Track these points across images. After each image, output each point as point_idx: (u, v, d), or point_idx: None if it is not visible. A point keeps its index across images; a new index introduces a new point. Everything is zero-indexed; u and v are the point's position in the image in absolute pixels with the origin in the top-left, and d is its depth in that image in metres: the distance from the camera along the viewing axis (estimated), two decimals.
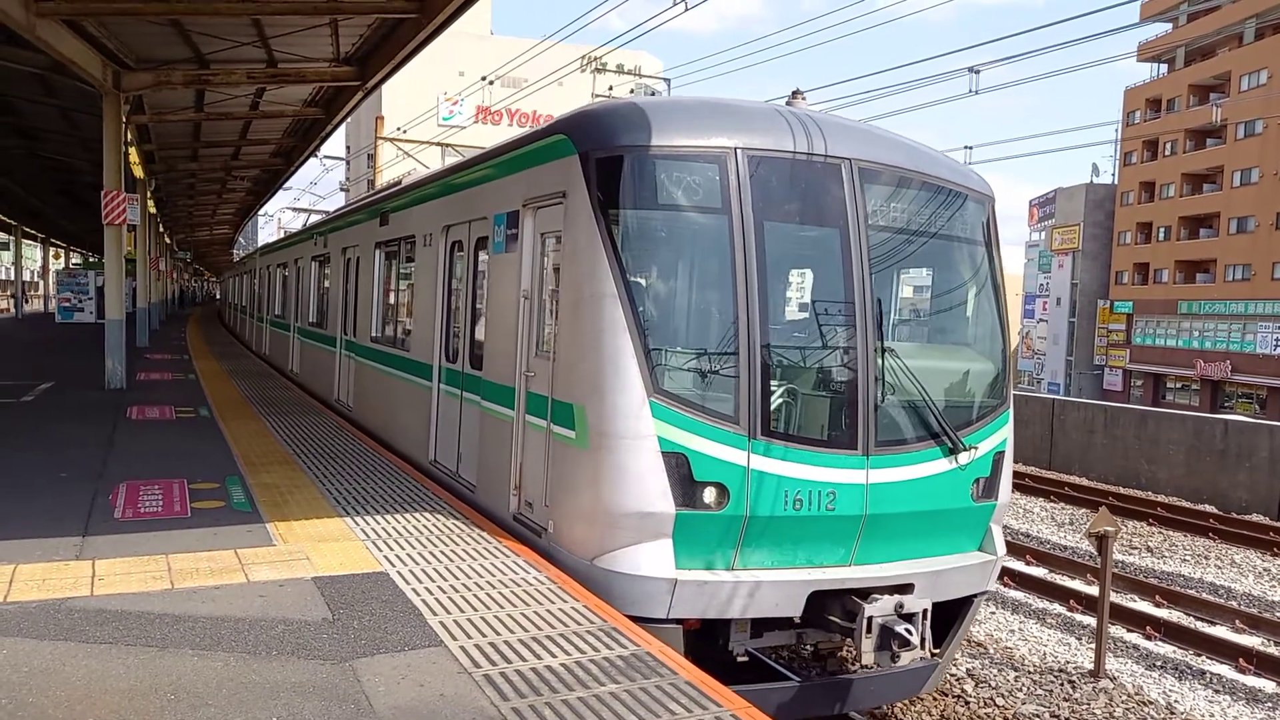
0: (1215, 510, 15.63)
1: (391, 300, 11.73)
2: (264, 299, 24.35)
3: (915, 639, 5.64)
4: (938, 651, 6.40)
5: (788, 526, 5.83)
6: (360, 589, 5.49)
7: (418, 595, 5.41)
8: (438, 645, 4.69)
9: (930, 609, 5.90)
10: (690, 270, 6.29)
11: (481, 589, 5.56)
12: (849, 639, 5.91)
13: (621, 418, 5.67)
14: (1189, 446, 17.18)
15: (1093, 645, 8.60)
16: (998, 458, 6.52)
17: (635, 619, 5.29)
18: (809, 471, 5.82)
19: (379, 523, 6.99)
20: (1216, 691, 8.27)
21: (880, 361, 6.05)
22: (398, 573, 5.82)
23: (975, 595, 6.64)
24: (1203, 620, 9.99)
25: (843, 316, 6.11)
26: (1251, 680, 8.44)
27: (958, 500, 6.34)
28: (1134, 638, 9.42)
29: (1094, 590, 9.91)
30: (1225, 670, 8.67)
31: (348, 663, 4.45)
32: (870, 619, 5.68)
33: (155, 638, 4.66)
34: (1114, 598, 9.37)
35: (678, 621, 5.66)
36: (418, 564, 6.02)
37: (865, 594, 5.83)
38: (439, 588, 5.57)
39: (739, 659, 6.03)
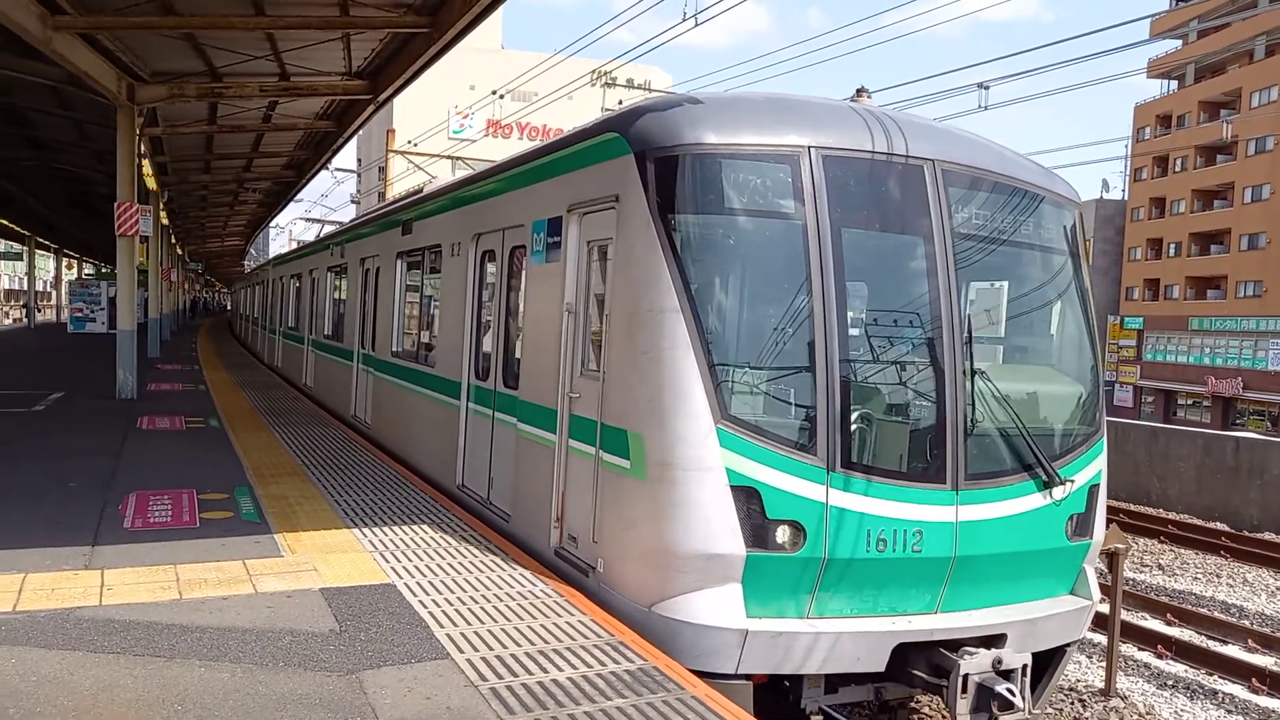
0: (1227, 528, 15.51)
1: (414, 313, 11.21)
2: (277, 310, 23.88)
3: (1019, 700, 5.11)
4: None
5: (870, 570, 5.24)
6: (368, 600, 5.49)
7: (424, 607, 5.41)
8: (444, 658, 4.68)
9: (1030, 664, 5.34)
10: (760, 282, 5.63)
11: (489, 601, 5.55)
12: (932, 693, 5.40)
13: (685, 446, 5.12)
14: (1200, 463, 17.07)
15: (1103, 663, 8.53)
16: (1092, 491, 5.93)
17: (699, 674, 4.79)
18: (893, 508, 5.24)
19: (386, 534, 7.00)
20: (1228, 712, 8.18)
21: (970, 385, 5.48)
22: (405, 584, 5.82)
23: (1067, 644, 6.03)
24: (1214, 639, 9.90)
25: (929, 334, 5.53)
26: (1264, 701, 8.35)
27: (1052, 539, 5.73)
28: (1145, 656, 9.33)
29: (1104, 608, 9.83)
30: (1238, 690, 8.58)
31: (354, 674, 4.45)
32: (966, 677, 5.10)
33: (163, 648, 4.66)
34: (1125, 616, 9.29)
35: (746, 677, 5.10)
36: (424, 576, 6.01)
37: (954, 645, 5.28)
38: (446, 600, 5.56)
39: (811, 716, 5.60)
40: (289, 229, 69.78)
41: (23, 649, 4.59)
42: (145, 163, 19.51)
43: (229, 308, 71.42)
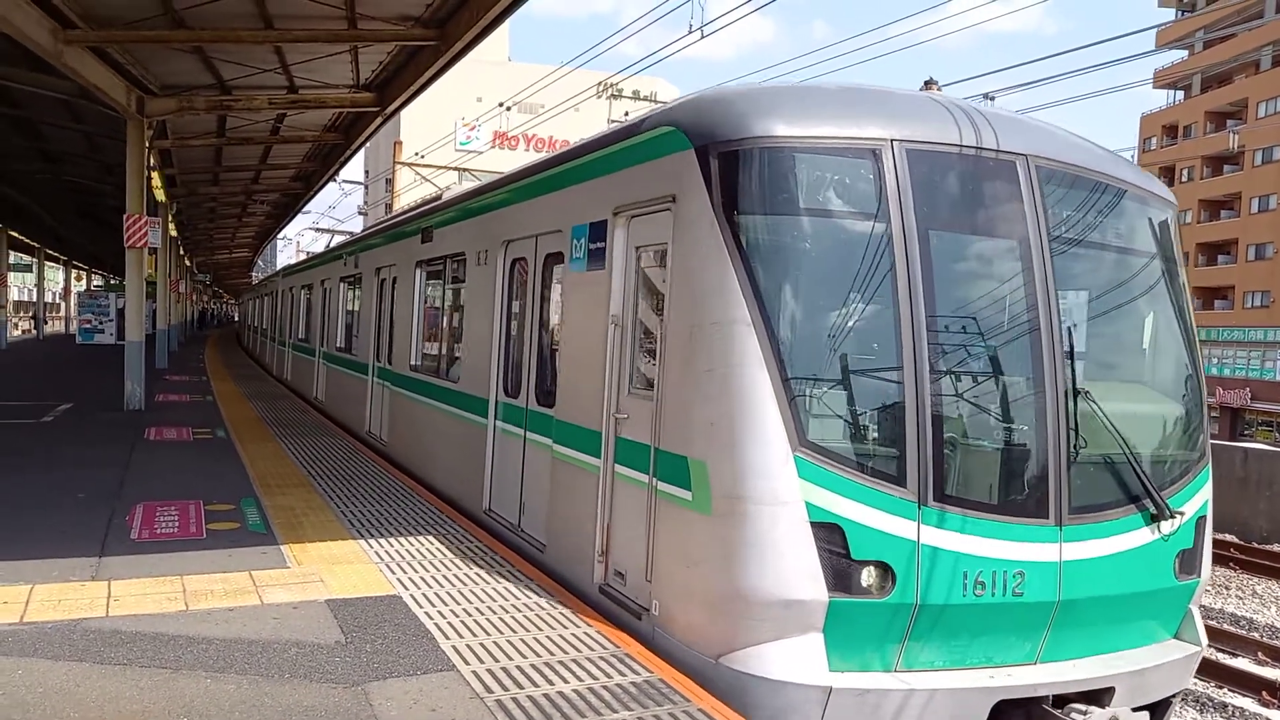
0: (1235, 539, 15.43)
1: (435, 325, 10.66)
2: (287, 322, 23.42)
3: None
4: None
5: (966, 617, 4.70)
6: (374, 612, 5.49)
7: (430, 619, 5.41)
8: (450, 669, 4.68)
9: None
10: (839, 291, 4.99)
11: (494, 613, 5.55)
12: None
13: (758, 477, 4.57)
14: None
15: None
16: (1199, 524, 5.37)
17: None
18: (992, 547, 4.69)
19: (392, 546, 7.00)
20: None
21: (1072, 406, 4.94)
22: (410, 596, 5.82)
23: (1174, 695, 5.49)
24: (1224, 652, 9.83)
25: (1027, 350, 4.99)
26: (1275, 715, 8.28)
27: (1160, 579, 5.17)
28: None
29: None
30: (1248, 704, 8.51)
31: (360, 686, 4.45)
32: None
33: (169, 659, 4.67)
34: None
35: None
36: (430, 587, 6.01)
37: (1058, 701, 4.82)
38: (452, 611, 5.56)
39: None
40: (296, 240, 70.09)
41: (30, 660, 4.60)
42: (154, 175, 19.63)
43: (236, 319, 71.56)
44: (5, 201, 29.11)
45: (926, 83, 6.21)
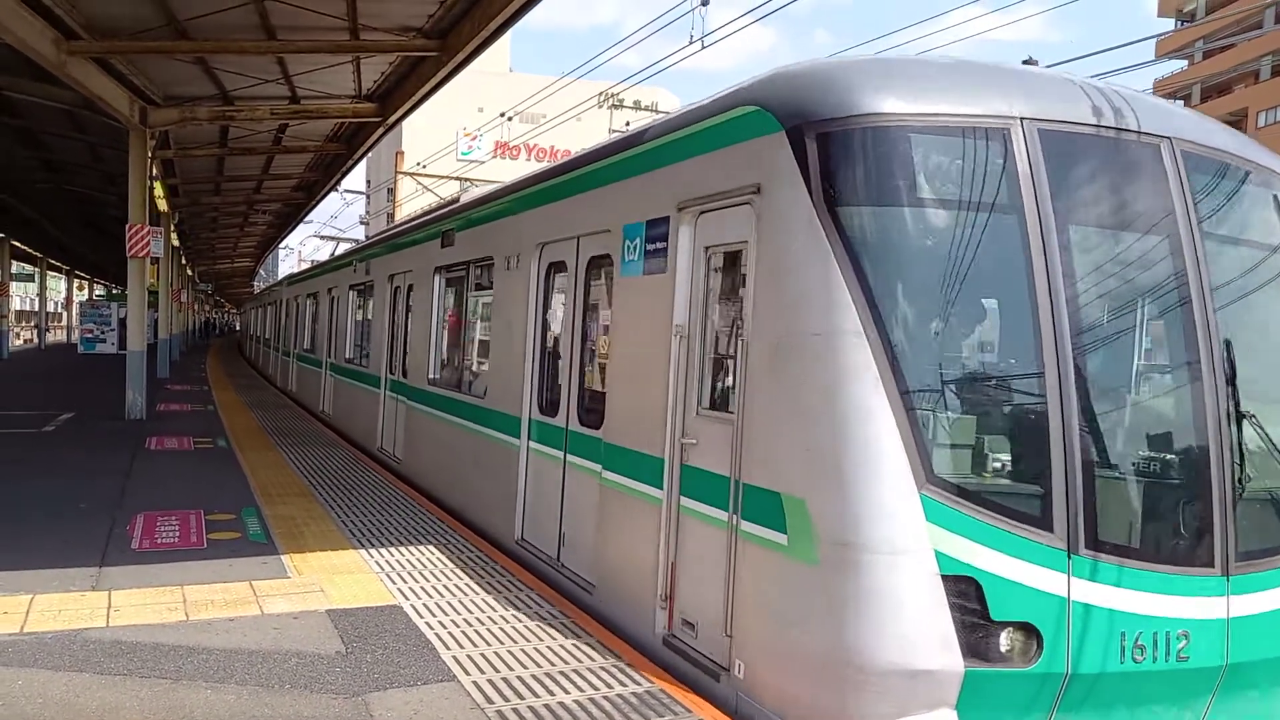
0: None
1: (457, 336, 9.86)
2: (291, 332, 22.64)
3: None
4: None
5: (1123, 687, 3.98)
6: (374, 622, 5.48)
7: (430, 629, 5.39)
8: (450, 680, 4.67)
9: None
10: (968, 296, 4.30)
11: (495, 623, 5.54)
12: None
13: (875, 520, 3.84)
14: None
15: None
16: None
17: None
18: (1152, 603, 3.95)
19: (393, 555, 6.99)
20: None
21: (1235, 433, 4.22)
22: (411, 606, 5.81)
23: None
24: None
25: (1184, 366, 4.29)
26: None
27: None
28: None
29: None
30: None
31: (360, 697, 4.43)
32: None
33: (169, 670, 4.66)
34: None
35: None
36: (431, 597, 6.00)
37: None
38: (452, 621, 5.55)
39: None
40: (298, 250, 70.18)
41: (30, 670, 4.59)
42: (157, 185, 19.68)
43: (238, 328, 71.50)
44: (8, 211, 29.18)
45: (1027, 61, 5.51)
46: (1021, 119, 4.20)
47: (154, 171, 17.41)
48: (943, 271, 4.19)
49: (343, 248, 27.47)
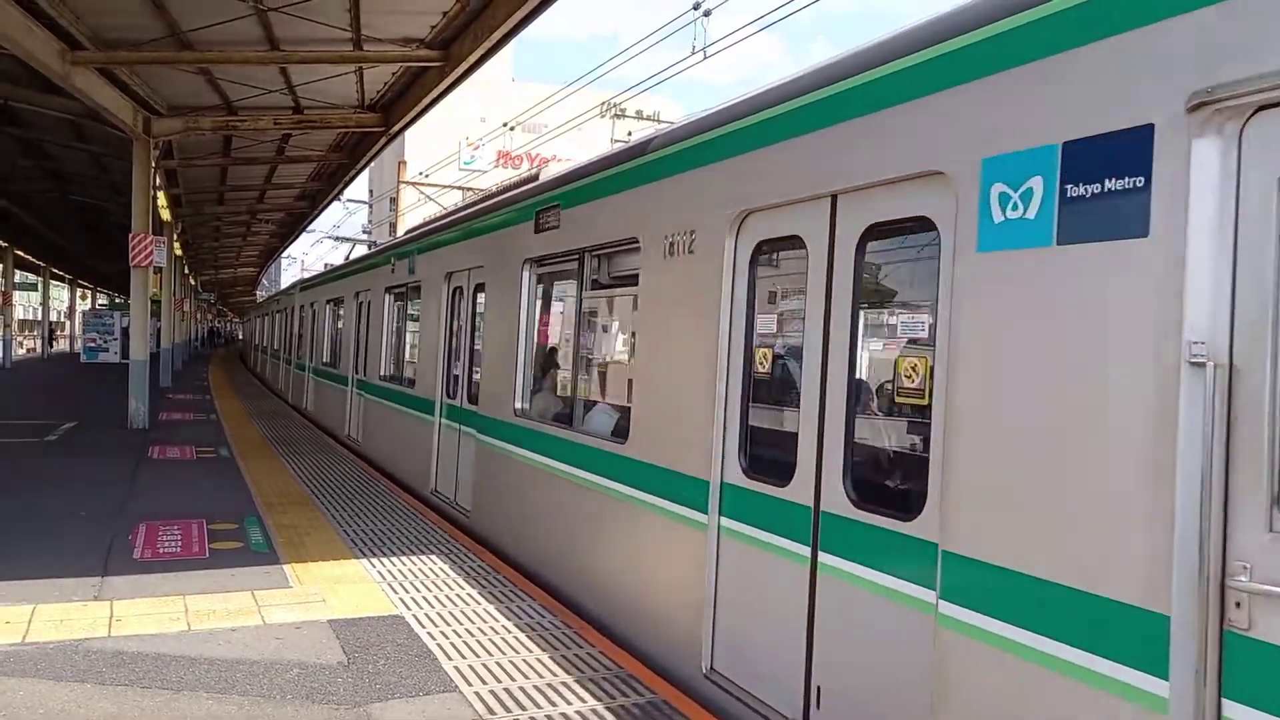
0: None
1: (560, 352, 7.88)
2: (307, 343, 20.52)
3: None
4: None
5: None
6: (376, 632, 5.48)
7: (433, 639, 5.39)
8: (453, 691, 4.66)
9: None
10: None
11: (497, 633, 5.53)
12: None
13: None
14: None
15: None
16: None
17: None
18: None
19: (395, 565, 6.99)
20: None
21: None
22: (413, 616, 5.80)
23: None
24: None
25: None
26: None
27: None
28: None
29: None
30: None
31: (362, 708, 4.43)
32: None
33: (171, 680, 4.66)
34: None
35: None
36: (433, 607, 5.99)
37: None
38: (454, 631, 5.54)
39: None
40: (301, 259, 70.38)
41: (32, 680, 4.58)
42: (160, 194, 19.76)
43: (241, 338, 71.35)
44: (11, 220, 29.28)
45: None
46: None
47: (157, 181, 17.48)
48: None
49: (358, 251, 27.09)
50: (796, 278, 4.49)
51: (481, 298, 8.94)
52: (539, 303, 7.77)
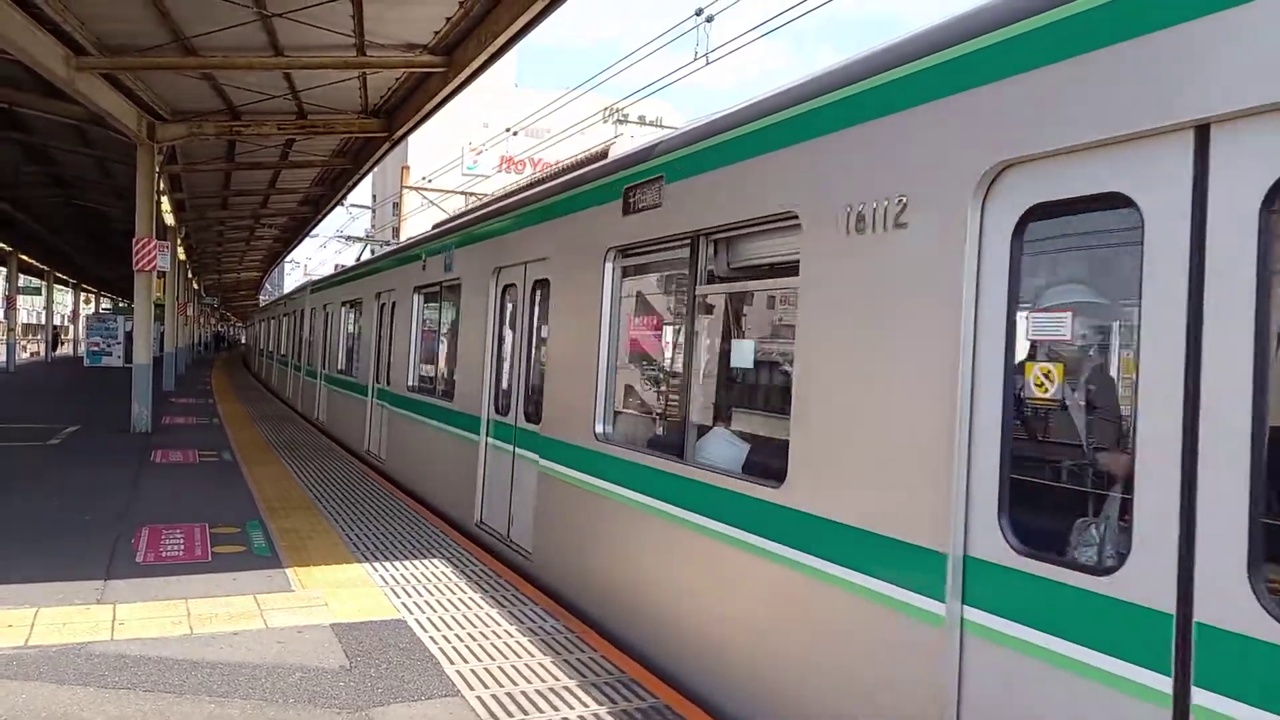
0: None
1: (655, 366, 6.66)
2: (319, 349, 19.11)
3: None
4: None
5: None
6: (378, 636, 5.48)
7: (435, 643, 5.39)
8: (455, 695, 4.66)
9: None
10: None
11: (499, 637, 5.53)
12: None
13: None
14: None
15: None
16: None
17: None
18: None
19: (397, 569, 6.99)
20: None
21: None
22: (415, 620, 5.80)
23: None
24: None
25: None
26: None
27: None
28: None
29: None
30: None
31: (364, 711, 4.43)
32: None
33: (173, 684, 4.66)
34: None
35: None
36: (435, 611, 6.00)
37: None
38: (456, 635, 5.54)
39: None
40: (304, 264, 70.42)
41: (34, 684, 4.59)
42: (164, 199, 19.81)
43: (244, 342, 71.25)
44: (16, 225, 29.36)
45: None
46: None
47: (161, 186, 17.53)
48: None
49: (370, 251, 26.80)
50: (1100, 261, 3.36)
51: (541, 296, 7.48)
52: (629, 302, 6.32)
